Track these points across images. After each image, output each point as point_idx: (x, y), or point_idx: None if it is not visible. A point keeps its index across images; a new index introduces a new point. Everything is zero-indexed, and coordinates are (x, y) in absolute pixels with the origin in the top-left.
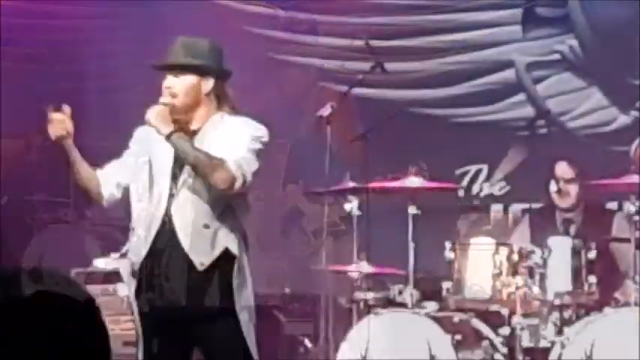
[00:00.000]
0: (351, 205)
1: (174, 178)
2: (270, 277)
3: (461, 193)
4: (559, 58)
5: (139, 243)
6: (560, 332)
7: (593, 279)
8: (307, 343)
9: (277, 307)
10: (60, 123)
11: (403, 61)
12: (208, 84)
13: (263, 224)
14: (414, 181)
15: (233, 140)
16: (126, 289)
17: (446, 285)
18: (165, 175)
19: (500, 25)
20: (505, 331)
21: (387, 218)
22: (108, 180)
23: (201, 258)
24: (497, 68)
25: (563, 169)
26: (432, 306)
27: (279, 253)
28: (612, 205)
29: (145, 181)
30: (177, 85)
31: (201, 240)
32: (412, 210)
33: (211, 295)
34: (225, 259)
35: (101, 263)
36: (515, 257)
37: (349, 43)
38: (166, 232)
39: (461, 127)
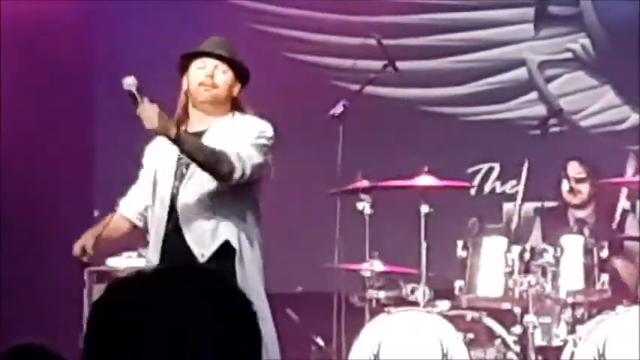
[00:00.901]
0: (364, 204)
1: (181, 177)
2: (282, 275)
3: (472, 191)
4: (571, 56)
5: (152, 248)
6: (572, 331)
7: (605, 277)
8: (319, 341)
9: (289, 305)
10: None
11: (415, 60)
12: (237, 87)
13: (275, 222)
14: (426, 180)
15: (237, 135)
16: None
17: (458, 283)
18: (168, 175)
19: (512, 24)
20: (517, 329)
21: (399, 217)
22: (132, 208)
23: (202, 249)
24: (509, 67)
25: (575, 167)
26: (444, 305)
27: (290, 251)
28: (625, 204)
29: (149, 189)
30: (220, 77)
31: (203, 232)
32: (424, 209)
33: None
34: (227, 252)
35: (114, 262)
36: (528, 255)
37: (361, 41)
38: (172, 231)
39: (472, 126)
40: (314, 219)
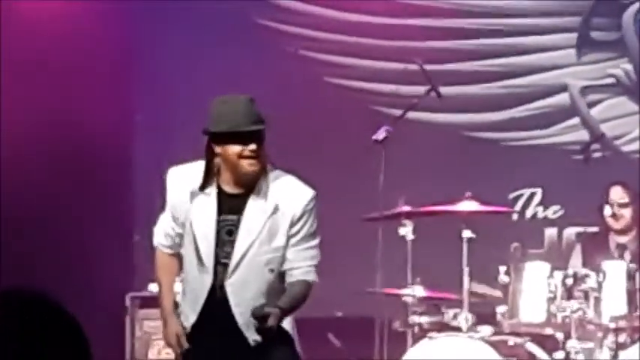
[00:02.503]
0: (406, 229)
1: (223, 244)
2: (323, 300)
3: (514, 216)
4: (613, 82)
5: (189, 306)
6: (615, 356)
7: None
8: None
9: (331, 330)
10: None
11: (457, 85)
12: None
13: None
14: (468, 205)
15: (295, 221)
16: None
17: (500, 309)
18: (209, 245)
19: (554, 49)
20: (560, 355)
21: (441, 242)
22: (177, 245)
23: (255, 336)
24: (551, 92)
25: (617, 192)
26: (486, 330)
27: (332, 276)
28: None
29: (190, 247)
30: (260, 149)
31: None
32: (466, 234)
33: None
34: (277, 334)
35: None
36: (570, 281)
37: (403, 67)
38: (218, 300)
39: (515, 151)
40: (356, 244)
